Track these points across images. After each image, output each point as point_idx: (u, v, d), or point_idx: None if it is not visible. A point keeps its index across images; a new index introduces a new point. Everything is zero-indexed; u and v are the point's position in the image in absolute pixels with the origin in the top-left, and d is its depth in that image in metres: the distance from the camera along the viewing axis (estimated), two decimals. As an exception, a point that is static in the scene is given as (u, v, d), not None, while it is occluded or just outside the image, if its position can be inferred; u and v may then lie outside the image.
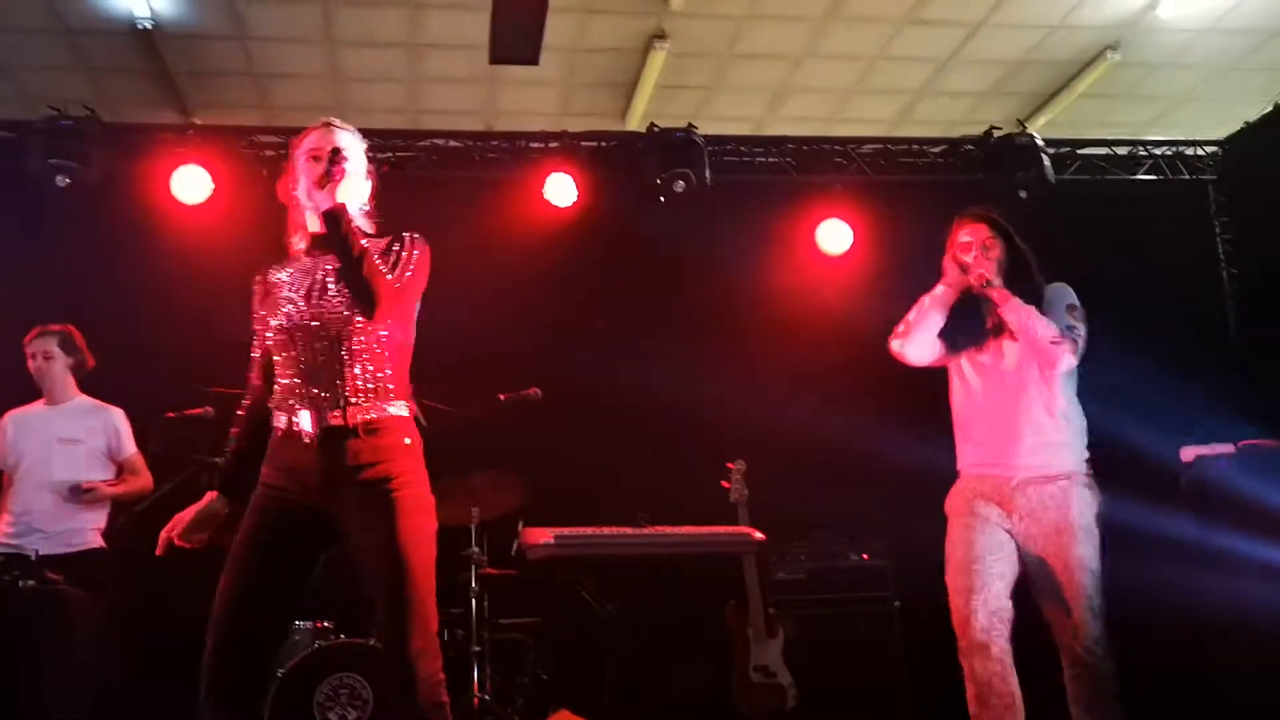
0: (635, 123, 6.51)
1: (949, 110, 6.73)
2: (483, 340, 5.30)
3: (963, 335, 3.34)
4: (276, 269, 2.71)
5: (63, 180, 5.42)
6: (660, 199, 5.95)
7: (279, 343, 2.61)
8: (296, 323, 2.59)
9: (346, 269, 2.55)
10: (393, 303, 2.56)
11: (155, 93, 6.23)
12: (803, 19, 5.83)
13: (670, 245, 5.81)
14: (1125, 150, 6.66)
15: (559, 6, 5.14)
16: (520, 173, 6.05)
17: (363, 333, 2.58)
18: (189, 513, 2.65)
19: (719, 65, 6.23)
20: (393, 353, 2.62)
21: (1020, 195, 6.03)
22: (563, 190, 5.92)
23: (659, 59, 5.99)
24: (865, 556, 5.38)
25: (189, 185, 5.62)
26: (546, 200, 5.92)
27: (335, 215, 2.56)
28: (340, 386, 2.54)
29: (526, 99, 6.45)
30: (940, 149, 6.48)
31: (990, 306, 3.29)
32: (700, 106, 6.53)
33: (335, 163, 2.60)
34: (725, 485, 5.11)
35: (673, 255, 5.81)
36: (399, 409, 2.59)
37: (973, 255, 3.29)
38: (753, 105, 6.66)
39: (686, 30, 5.85)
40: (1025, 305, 3.19)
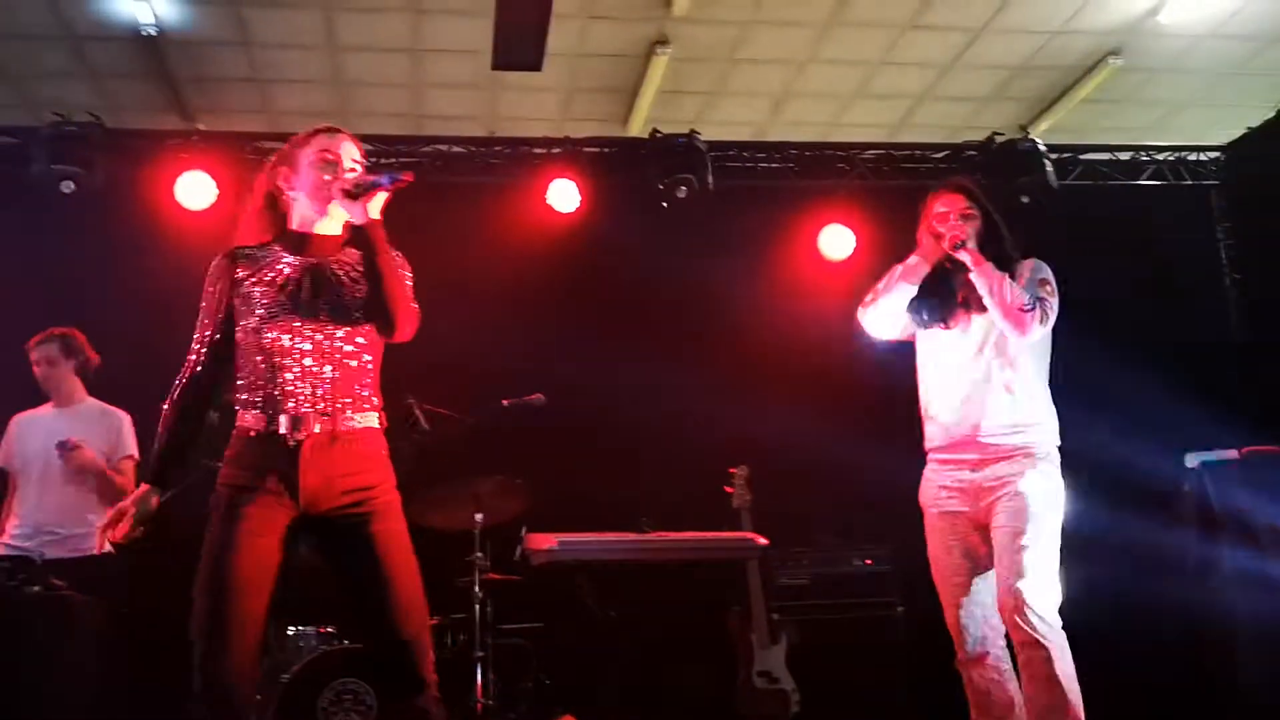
0: (637, 128, 6.51)
1: (951, 115, 6.73)
2: (486, 346, 5.31)
3: (930, 310, 3.26)
4: (251, 258, 2.66)
5: (67, 186, 5.44)
6: (663, 204, 5.97)
7: (253, 340, 2.56)
8: (281, 321, 2.55)
9: (376, 285, 2.54)
10: (412, 325, 2.59)
11: (159, 99, 6.23)
12: (804, 24, 5.83)
13: (672, 250, 5.82)
14: (1128, 155, 6.66)
15: (561, 13, 5.14)
16: (523, 178, 6.06)
17: (350, 341, 2.58)
18: (128, 507, 2.60)
19: (721, 70, 6.23)
20: (375, 364, 2.65)
21: (1023, 200, 6.04)
22: (565, 196, 5.93)
23: (661, 64, 5.99)
24: (868, 562, 5.39)
25: (193, 191, 5.64)
26: (549, 206, 5.94)
27: (370, 230, 2.55)
28: (325, 393, 2.53)
29: (528, 104, 6.46)
30: (942, 154, 6.48)
31: (961, 280, 3.21)
32: (702, 112, 6.53)
33: (373, 174, 2.59)
34: (728, 490, 5.11)
35: (675, 260, 5.81)
36: (374, 420, 2.62)
37: (949, 225, 3.19)
38: (755, 110, 6.66)
39: (688, 36, 5.85)
40: (998, 271, 3.11)
